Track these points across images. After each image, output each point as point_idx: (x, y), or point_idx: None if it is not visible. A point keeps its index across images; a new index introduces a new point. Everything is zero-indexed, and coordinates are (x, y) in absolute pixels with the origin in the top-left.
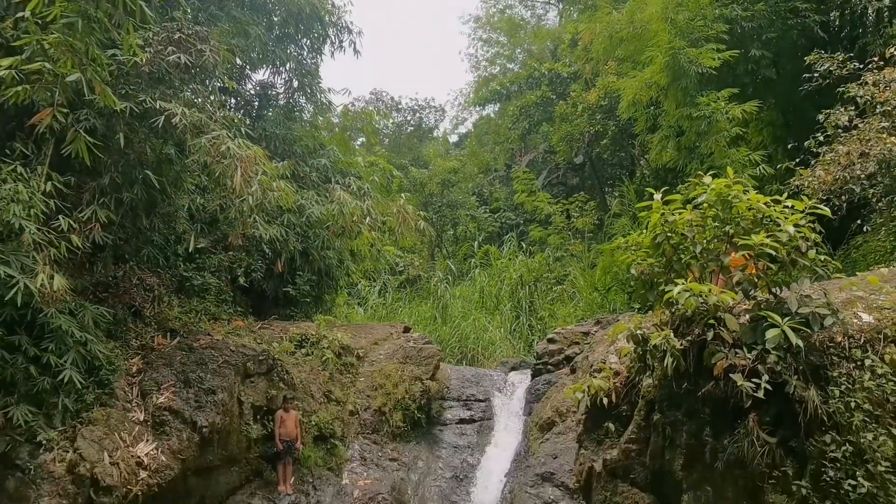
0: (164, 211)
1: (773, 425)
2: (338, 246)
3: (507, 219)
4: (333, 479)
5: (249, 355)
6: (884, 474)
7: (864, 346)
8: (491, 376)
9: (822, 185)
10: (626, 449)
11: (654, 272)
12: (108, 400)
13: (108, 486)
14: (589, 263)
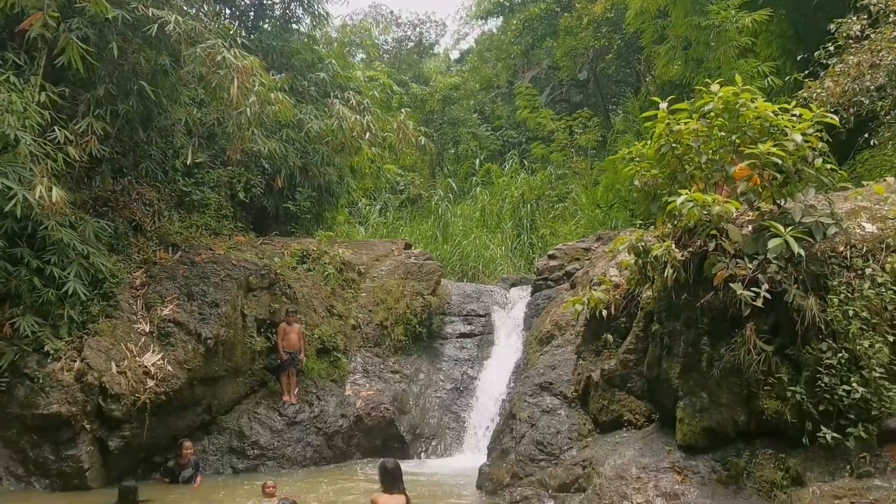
0: (161, 124)
1: (771, 334)
2: (338, 162)
3: (509, 136)
4: (336, 390)
5: (251, 269)
6: (878, 380)
7: (865, 255)
8: (491, 292)
9: (830, 96)
10: (623, 359)
11: (657, 184)
12: (113, 312)
13: (116, 394)
14: (591, 181)
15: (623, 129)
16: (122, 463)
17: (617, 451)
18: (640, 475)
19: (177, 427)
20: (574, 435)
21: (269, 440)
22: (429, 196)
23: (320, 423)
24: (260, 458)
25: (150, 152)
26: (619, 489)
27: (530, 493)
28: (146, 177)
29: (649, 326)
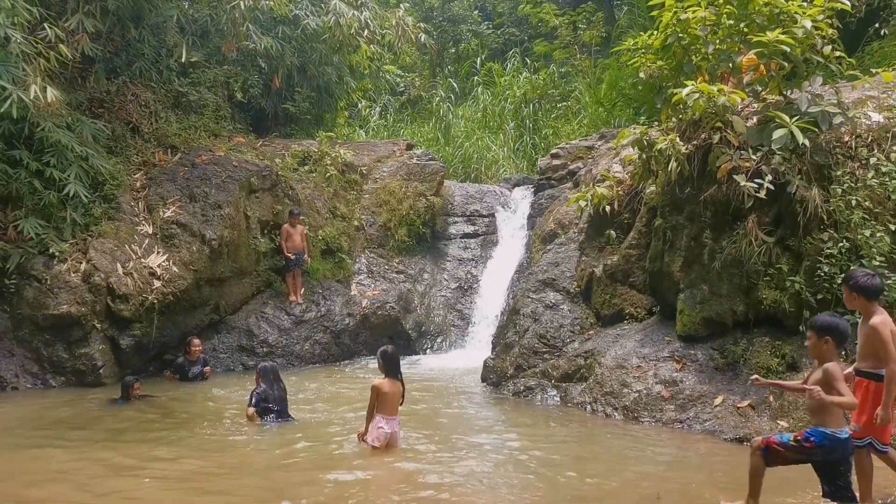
0: (153, 21)
1: (772, 226)
2: (336, 61)
3: (511, 34)
4: (342, 291)
5: (253, 171)
6: (878, 268)
7: (870, 145)
8: (494, 192)
9: None
10: (626, 254)
11: (662, 75)
12: (116, 214)
13: (124, 295)
14: (595, 79)
15: (628, 24)
16: (135, 360)
17: (618, 343)
18: (640, 364)
19: (186, 326)
20: (576, 328)
21: (277, 338)
22: (429, 97)
23: (327, 321)
24: (269, 356)
25: (143, 51)
26: (620, 378)
27: (533, 383)
28: (140, 77)
29: (652, 221)
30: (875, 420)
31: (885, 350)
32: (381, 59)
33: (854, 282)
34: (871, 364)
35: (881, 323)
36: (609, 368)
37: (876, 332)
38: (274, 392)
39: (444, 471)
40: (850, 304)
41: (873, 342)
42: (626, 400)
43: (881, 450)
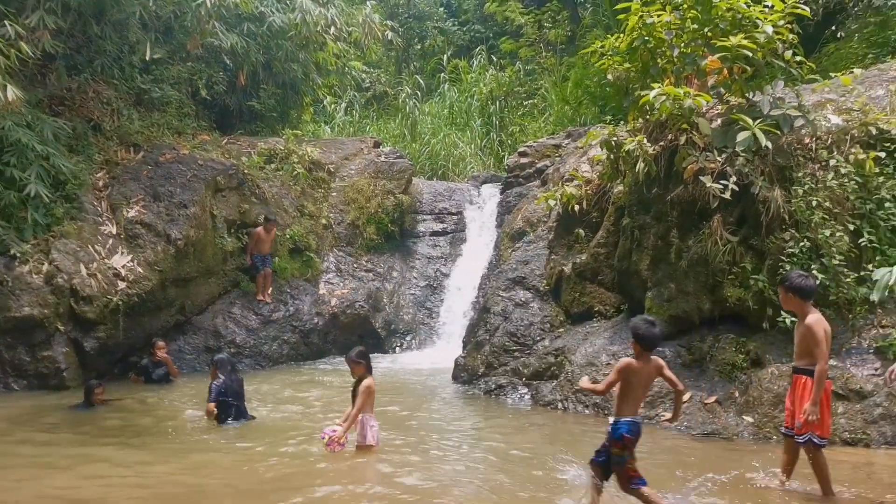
0: (115, 18)
1: (737, 225)
2: (302, 58)
3: (477, 31)
4: (311, 289)
5: (219, 169)
6: (837, 267)
7: (830, 147)
8: (463, 190)
9: None
10: (594, 252)
11: (629, 77)
12: (78, 214)
13: (87, 296)
14: (560, 77)
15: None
16: (99, 363)
17: (588, 341)
18: (609, 361)
19: (151, 327)
20: (546, 326)
21: (244, 339)
22: (395, 94)
23: (296, 321)
24: (237, 356)
25: (105, 48)
26: (590, 375)
27: (504, 381)
28: (102, 74)
29: (620, 220)
30: (804, 414)
31: (819, 349)
32: (347, 55)
33: (790, 283)
34: (807, 362)
35: (815, 322)
36: (579, 366)
37: (810, 331)
38: (233, 384)
39: (418, 472)
40: (786, 305)
41: (808, 341)
42: (596, 397)
43: (819, 444)
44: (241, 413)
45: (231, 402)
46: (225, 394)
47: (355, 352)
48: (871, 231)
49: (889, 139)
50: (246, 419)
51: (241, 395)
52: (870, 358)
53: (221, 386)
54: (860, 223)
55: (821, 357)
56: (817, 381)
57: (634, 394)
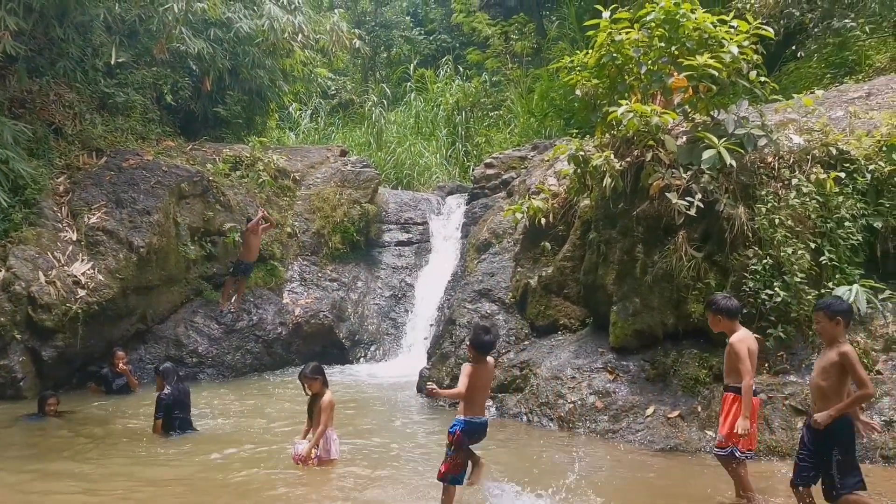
0: (78, 20)
1: (701, 242)
2: (269, 65)
3: (443, 41)
4: (274, 299)
5: (183, 176)
6: (798, 285)
7: (792, 166)
8: (428, 200)
9: (763, 7)
10: (560, 266)
11: (597, 93)
12: (37, 220)
13: (46, 304)
14: (526, 89)
15: (558, 36)
16: (57, 372)
17: (553, 354)
18: (574, 375)
19: (111, 336)
20: (512, 339)
21: (207, 348)
22: (361, 102)
23: (259, 330)
24: (199, 367)
25: (68, 50)
26: (555, 388)
27: None
28: (64, 77)
29: (586, 234)
30: (736, 430)
31: (743, 365)
32: (313, 62)
33: (716, 306)
34: (734, 379)
35: (739, 340)
36: (544, 379)
37: (733, 349)
38: (179, 395)
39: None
40: (715, 328)
41: (732, 359)
42: (562, 410)
43: (742, 457)
44: (185, 424)
45: (177, 413)
46: (172, 405)
47: (310, 368)
48: (832, 249)
49: (848, 160)
50: (191, 430)
51: (187, 406)
52: None
53: (168, 398)
54: (821, 241)
55: (745, 373)
56: (744, 395)
57: (475, 395)
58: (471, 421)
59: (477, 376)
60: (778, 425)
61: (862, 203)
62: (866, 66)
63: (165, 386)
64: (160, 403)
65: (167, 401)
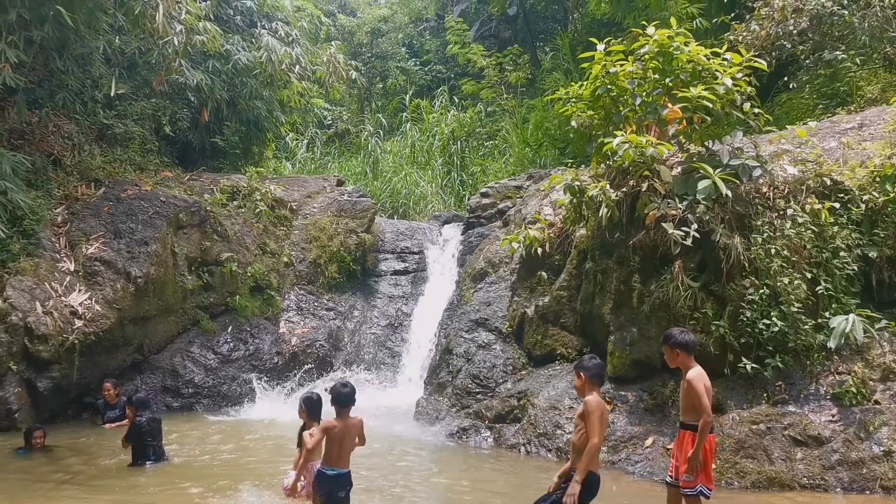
0: (78, 52)
1: (697, 271)
2: (266, 96)
3: (438, 72)
4: (271, 328)
5: (181, 206)
6: (795, 315)
7: (787, 196)
8: (424, 229)
9: (755, 39)
10: (557, 295)
11: (593, 124)
12: (35, 250)
13: (43, 335)
14: (521, 118)
15: (552, 67)
16: (53, 403)
17: (550, 384)
18: (572, 405)
19: (108, 367)
20: (509, 369)
21: (203, 378)
22: (357, 131)
23: (255, 360)
24: (195, 397)
25: (68, 82)
26: (553, 419)
27: (468, 423)
28: (63, 108)
29: (583, 264)
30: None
31: (700, 402)
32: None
33: (674, 340)
34: (692, 417)
35: (696, 377)
36: (542, 409)
37: (691, 386)
38: (153, 424)
39: None
40: (672, 363)
41: (691, 396)
42: (560, 441)
43: (707, 495)
44: (159, 454)
45: (150, 441)
46: (147, 434)
47: (302, 398)
48: (828, 279)
49: (842, 190)
50: (165, 460)
51: (160, 436)
52: (827, 404)
53: (145, 425)
54: (817, 271)
55: (703, 410)
56: (700, 432)
57: (331, 448)
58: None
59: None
60: (777, 456)
61: (857, 233)
62: (858, 97)
63: (139, 415)
64: (137, 429)
65: (142, 428)
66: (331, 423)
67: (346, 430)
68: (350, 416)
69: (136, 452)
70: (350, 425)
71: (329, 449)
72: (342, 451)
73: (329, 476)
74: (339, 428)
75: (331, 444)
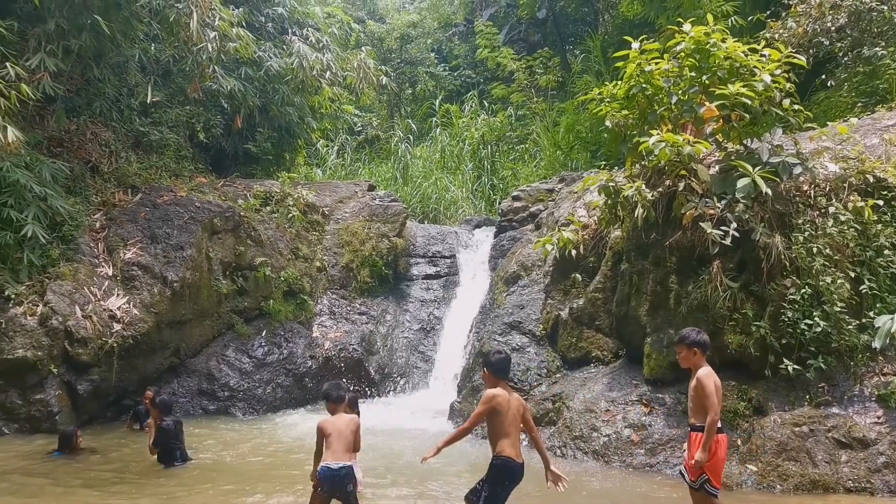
0: (115, 61)
1: (736, 271)
2: (298, 102)
3: (468, 77)
4: (304, 332)
5: (215, 212)
6: (839, 314)
7: (829, 194)
8: (456, 233)
9: (792, 37)
10: (592, 298)
11: (627, 124)
12: (74, 255)
13: (82, 339)
14: (552, 122)
15: (582, 69)
16: (92, 406)
17: (586, 386)
18: (608, 408)
19: (145, 370)
20: (543, 371)
21: (238, 382)
22: (387, 137)
23: (290, 364)
24: (230, 400)
25: (105, 90)
26: (589, 421)
27: None
28: (101, 116)
29: (618, 266)
30: (692, 462)
31: (709, 401)
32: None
33: (691, 339)
34: (702, 419)
35: (706, 375)
36: (578, 412)
37: (700, 384)
38: (177, 427)
39: None
40: (686, 363)
41: (699, 395)
42: (596, 444)
43: (712, 493)
44: (184, 455)
45: (175, 444)
46: (173, 437)
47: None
48: (872, 278)
49: (886, 187)
50: (190, 460)
51: (182, 438)
52: (872, 406)
53: (171, 427)
54: (860, 270)
55: (710, 408)
56: (707, 431)
57: (331, 441)
58: (326, 467)
59: (332, 426)
60: (821, 458)
61: None
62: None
63: (162, 418)
64: (164, 433)
65: (169, 431)
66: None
67: (343, 424)
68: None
69: (163, 455)
70: (346, 419)
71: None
72: (340, 445)
73: (332, 470)
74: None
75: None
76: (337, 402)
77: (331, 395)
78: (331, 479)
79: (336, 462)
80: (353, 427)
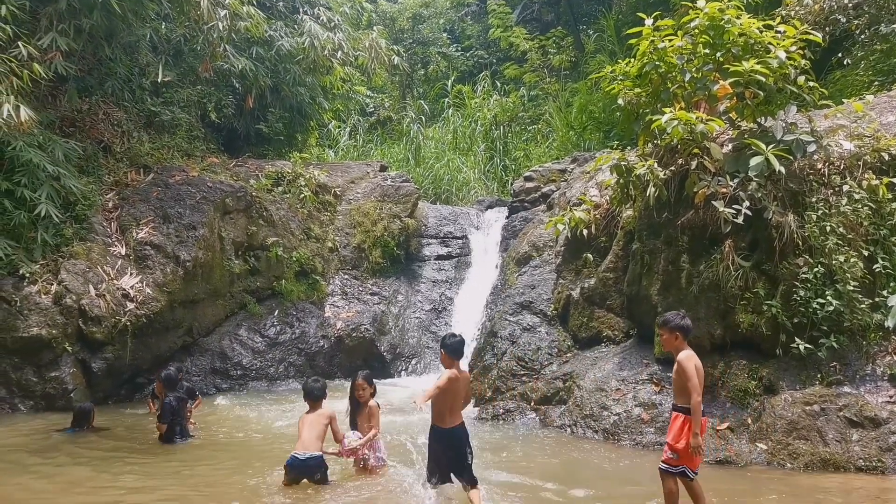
0: (126, 40)
1: (749, 250)
2: (310, 82)
3: (480, 57)
4: (316, 312)
5: (227, 191)
6: (851, 293)
7: (843, 172)
8: (468, 214)
9: (808, 14)
10: (603, 277)
11: (640, 102)
12: (87, 235)
13: (96, 317)
14: (564, 102)
15: (596, 49)
16: (106, 384)
17: (596, 366)
18: (619, 387)
19: (159, 349)
20: (554, 351)
21: (251, 361)
22: (399, 118)
23: (302, 343)
24: (243, 379)
25: (116, 70)
26: (600, 400)
27: (512, 406)
28: (112, 96)
29: (629, 245)
30: (690, 449)
31: (691, 383)
32: (352, 79)
33: (674, 323)
34: (684, 400)
35: (686, 358)
36: (588, 391)
37: (681, 367)
38: (180, 402)
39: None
40: (668, 346)
41: (681, 377)
42: (607, 422)
43: (690, 477)
44: (184, 432)
45: (177, 420)
46: (176, 413)
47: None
48: (885, 257)
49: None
50: (189, 437)
51: (184, 414)
52: (884, 385)
53: (174, 403)
54: (874, 249)
55: (693, 390)
56: (693, 413)
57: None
58: (293, 456)
59: (305, 418)
60: (832, 437)
61: None
62: None
63: (168, 395)
64: (168, 409)
65: (171, 406)
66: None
67: (313, 417)
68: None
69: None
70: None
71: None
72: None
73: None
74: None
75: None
76: (313, 398)
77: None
78: (297, 467)
79: (304, 452)
80: (324, 421)
